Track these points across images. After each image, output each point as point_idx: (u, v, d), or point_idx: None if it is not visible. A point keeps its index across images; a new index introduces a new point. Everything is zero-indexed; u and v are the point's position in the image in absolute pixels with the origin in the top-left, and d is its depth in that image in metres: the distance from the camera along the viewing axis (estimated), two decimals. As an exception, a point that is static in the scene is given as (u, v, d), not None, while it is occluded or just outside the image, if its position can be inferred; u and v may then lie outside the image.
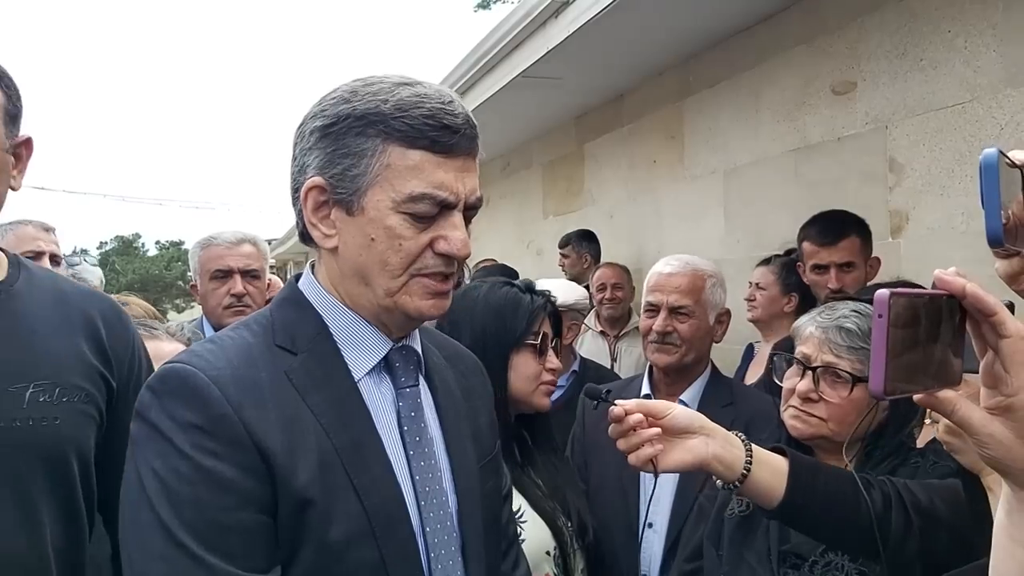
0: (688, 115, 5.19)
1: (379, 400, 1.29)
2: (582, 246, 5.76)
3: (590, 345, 4.88)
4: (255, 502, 1.14)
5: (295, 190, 1.28)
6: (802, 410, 1.81)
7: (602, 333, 4.93)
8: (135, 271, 43.80)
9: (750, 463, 1.51)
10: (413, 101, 1.21)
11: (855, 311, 1.81)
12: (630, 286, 5.02)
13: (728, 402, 2.53)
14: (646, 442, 1.45)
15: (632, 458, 1.46)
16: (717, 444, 1.50)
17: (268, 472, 1.14)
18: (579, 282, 5.28)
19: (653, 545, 2.42)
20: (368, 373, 1.29)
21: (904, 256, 3.51)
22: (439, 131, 1.21)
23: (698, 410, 2.54)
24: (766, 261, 3.88)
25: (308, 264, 1.36)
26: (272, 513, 1.15)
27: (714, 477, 1.58)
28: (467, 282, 2.73)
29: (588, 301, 3.83)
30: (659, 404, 1.51)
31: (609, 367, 4.50)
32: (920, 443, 2.00)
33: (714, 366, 2.74)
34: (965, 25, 3.27)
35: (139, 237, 52.21)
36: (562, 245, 5.92)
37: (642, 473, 2.17)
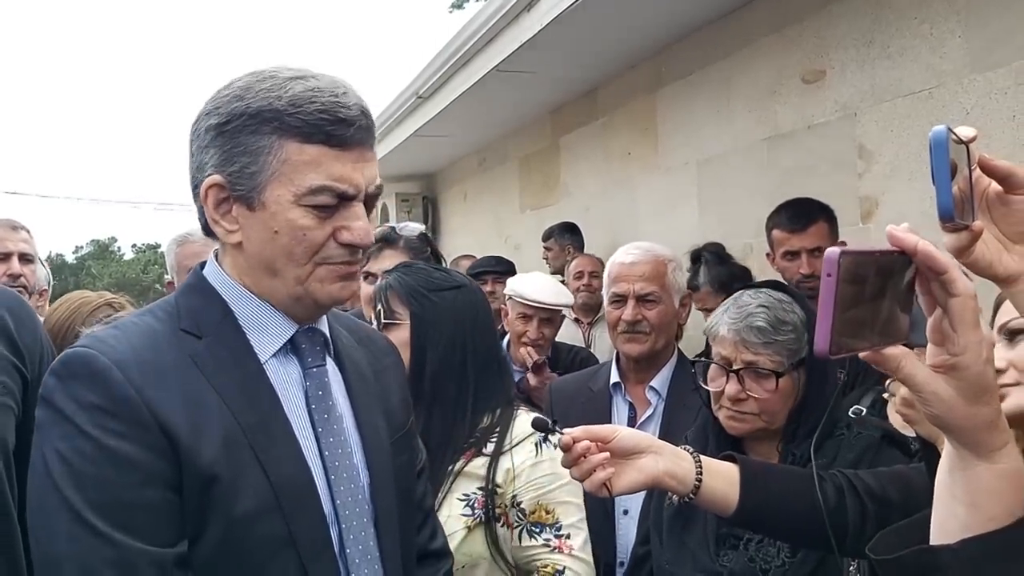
0: (661, 107, 5.22)
1: (286, 380, 1.31)
2: (565, 238, 5.77)
3: (564, 333, 4.90)
4: (160, 480, 1.16)
5: (195, 188, 1.29)
6: (735, 410, 1.86)
7: (576, 321, 4.95)
8: (111, 275, 43.37)
9: (700, 475, 1.53)
10: (307, 96, 1.22)
11: (763, 306, 1.86)
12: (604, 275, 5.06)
13: (697, 386, 2.55)
14: (597, 467, 1.46)
15: (586, 485, 1.47)
16: (667, 460, 1.52)
17: (172, 450, 1.17)
18: (562, 274, 5.30)
19: (629, 532, 2.43)
20: (275, 355, 1.31)
21: (875, 241, 3.55)
22: (334, 125, 1.22)
23: (668, 395, 2.63)
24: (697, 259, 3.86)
25: (212, 253, 1.38)
26: (178, 490, 1.18)
27: (669, 493, 1.60)
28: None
29: (566, 302, 3.82)
30: (604, 429, 1.52)
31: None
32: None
33: (680, 351, 2.76)
34: (930, 12, 3.31)
35: (115, 241, 51.75)
36: (545, 238, 5.93)
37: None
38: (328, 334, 1.39)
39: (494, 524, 1.91)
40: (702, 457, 1.56)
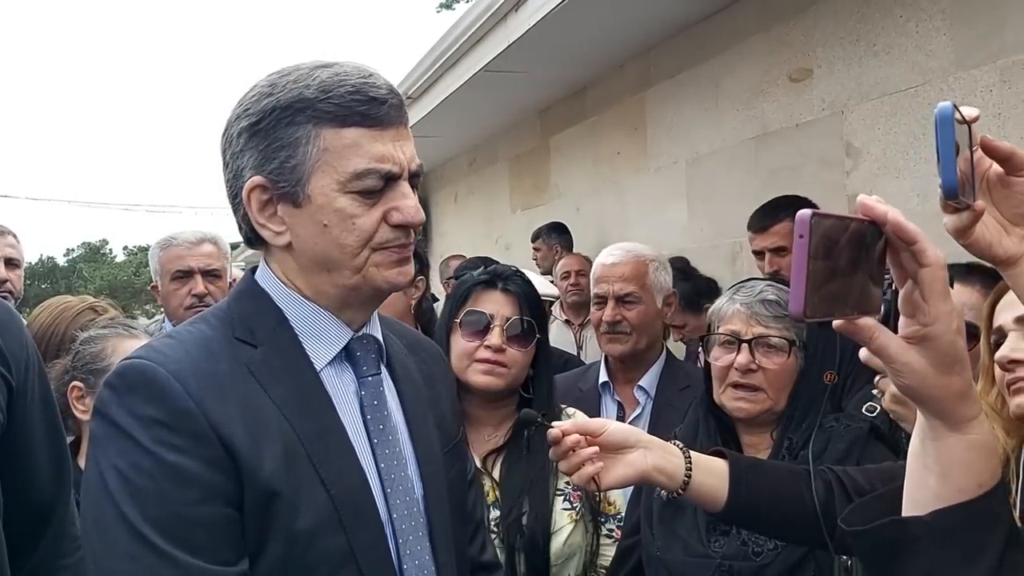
0: (650, 106, 5.22)
1: (341, 390, 1.28)
2: (552, 238, 5.78)
3: (556, 335, 4.91)
4: (220, 495, 1.13)
5: (234, 196, 1.27)
6: (744, 384, 1.85)
7: (567, 322, 4.96)
8: (103, 277, 43.09)
9: (690, 470, 1.53)
10: (335, 80, 1.20)
11: (771, 284, 1.93)
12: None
13: (685, 385, 2.56)
14: (586, 461, 1.46)
15: (575, 478, 1.47)
16: (656, 455, 1.52)
17: (233, 465, 1.14)
18: (550, 274, 5.31)
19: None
20: (330, 363, 1.28)
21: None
22: (367, 104, 1.20)
23: (656, 394, 2.63)
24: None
25: (263, 258, 1.35)
26: (238, 506, 1.14)
27: (658, 488, 1.60)
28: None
29: (552, 292, 3.90)
30: (594, 422, 1.53)
31: (575, 355, 4.54)
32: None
33: (668, 351, 2.77)
34: (916, 10, 3.32)
35: (106, 243, 51.34)
36: (534, 239, 5.94)
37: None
38: (382, 341, 1.36)
39: (599, 516, 2.01)
40: (692, 453, 1.56)
